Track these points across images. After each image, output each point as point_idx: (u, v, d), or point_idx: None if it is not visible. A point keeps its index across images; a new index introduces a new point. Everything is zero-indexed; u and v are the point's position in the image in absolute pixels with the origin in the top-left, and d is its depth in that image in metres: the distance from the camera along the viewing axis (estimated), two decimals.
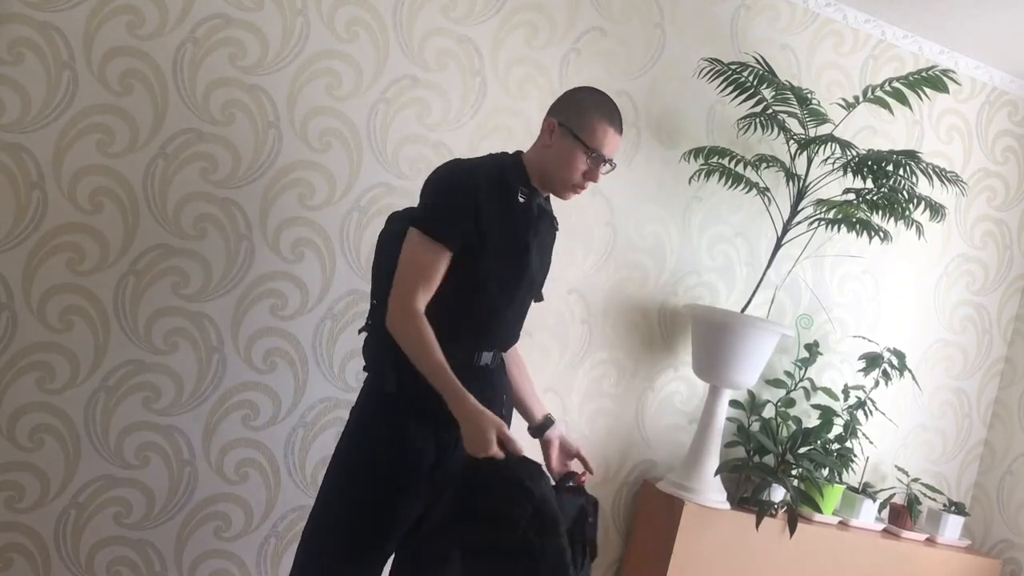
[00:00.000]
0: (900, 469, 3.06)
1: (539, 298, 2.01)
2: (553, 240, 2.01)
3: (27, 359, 2.20)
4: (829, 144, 2.62)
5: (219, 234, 2.33)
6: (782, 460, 2.65)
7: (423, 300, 1.73)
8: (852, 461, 2.77)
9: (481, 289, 1.79)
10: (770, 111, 2.65)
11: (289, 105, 2.38)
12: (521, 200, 1.83)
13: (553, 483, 1.77)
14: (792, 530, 2.54)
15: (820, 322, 2.98)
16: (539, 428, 1.98)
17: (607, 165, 1.84)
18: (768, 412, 2.86)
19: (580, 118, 1.81)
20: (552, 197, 1.97)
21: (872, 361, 2.85)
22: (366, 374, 1.90)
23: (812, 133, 2.69)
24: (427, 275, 1.73)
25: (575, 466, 1.94)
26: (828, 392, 2.89)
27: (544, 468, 1.75)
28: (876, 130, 3.02)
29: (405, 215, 1.88)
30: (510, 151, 1.94)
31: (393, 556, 1.84)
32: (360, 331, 1.94)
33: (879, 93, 2.62)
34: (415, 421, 1.76)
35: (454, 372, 1.70)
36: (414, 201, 1.88)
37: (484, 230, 1.76)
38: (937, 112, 3.11)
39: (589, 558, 1.79)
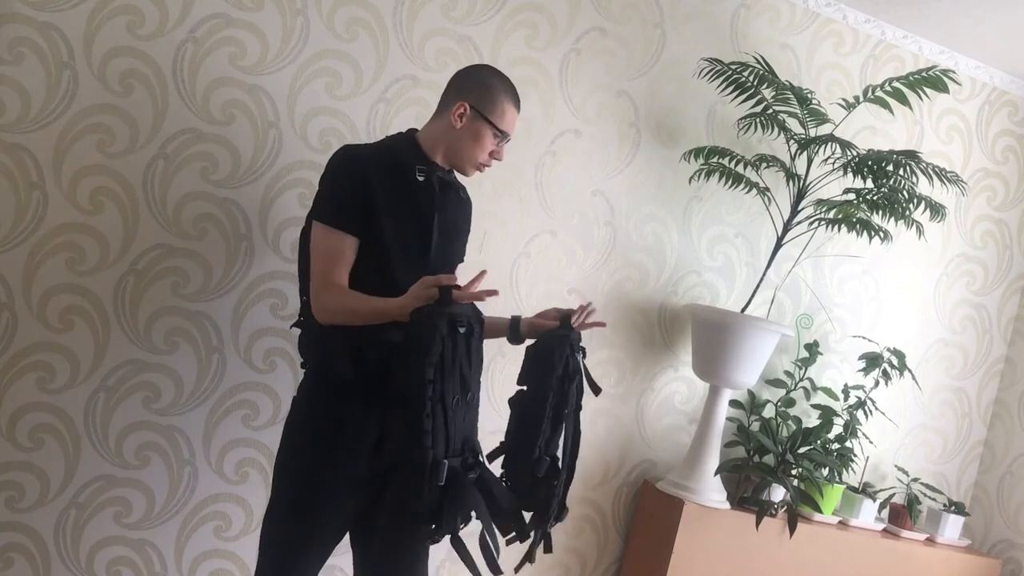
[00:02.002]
0: (900, 469, 3.06)
1: (460, 259, 2.06)
2: (464, 209, 2.03)
3: (27, 359, 2.20)
4: (829, 144, 2.62)
5: (219, 234, 2.33)
6: (782, 460, 2.65)
7: (337, 283, 1.78)
8: (852, 461, 2.77)
9: (386, 268, 1.81)
10: (770, 111, 2.65)
11: (289, 105, 2.38)
12: (420, 179, 1.86)
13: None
14: (792, 530, 2.54)
15: (820, 322, 2.98)
16: (513, 329, 2.00)
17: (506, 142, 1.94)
18: (768, 412, 2.86)
19: (490, 101, 1.88)
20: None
21: (872, 361, 2.86)
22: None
23: (812, 133, 2.69)
24: (335, 262, 1.79)
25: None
26: (828, 392, 2.89)
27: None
28: (876, 130, 3.02)
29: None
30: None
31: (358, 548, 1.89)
32: (291, 327, 1.97)
33: (879, 93, 2.62)
34: (363, 405, 1.78)
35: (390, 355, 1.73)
36: None
37: (378, 211, 1.79)
38: (937, 112, 3.11)
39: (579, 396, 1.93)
